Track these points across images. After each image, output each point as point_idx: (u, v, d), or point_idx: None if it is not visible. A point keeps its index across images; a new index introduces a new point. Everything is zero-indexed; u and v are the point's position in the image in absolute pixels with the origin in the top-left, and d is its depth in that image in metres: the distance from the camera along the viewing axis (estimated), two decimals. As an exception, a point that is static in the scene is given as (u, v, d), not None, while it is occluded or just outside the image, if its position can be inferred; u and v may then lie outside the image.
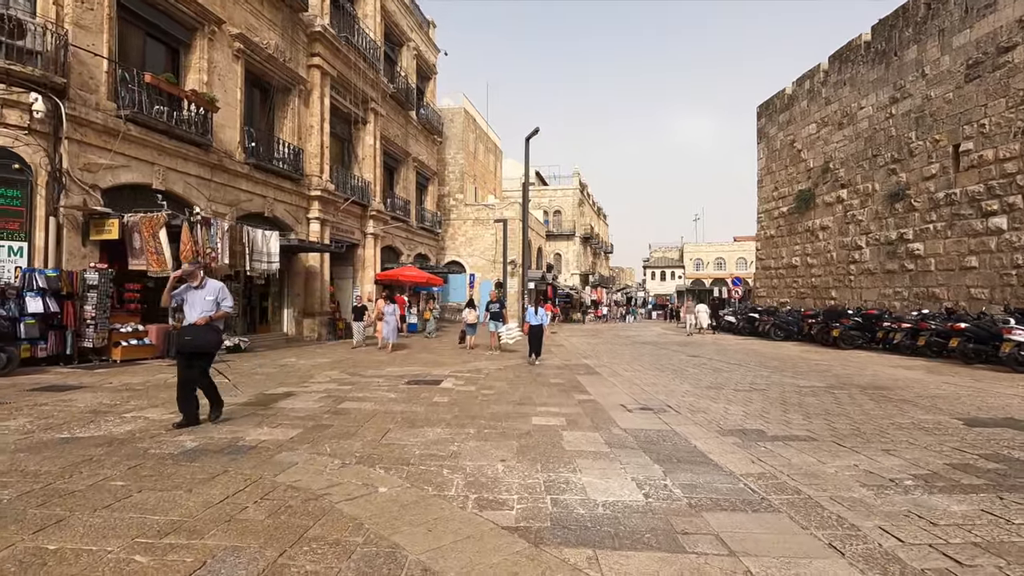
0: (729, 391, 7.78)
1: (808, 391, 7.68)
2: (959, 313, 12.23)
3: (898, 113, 19.83)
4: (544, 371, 10.06)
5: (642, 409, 6.42)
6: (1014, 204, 15.38)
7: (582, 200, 48.55)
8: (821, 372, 9.81)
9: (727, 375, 9.54)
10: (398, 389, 7.54)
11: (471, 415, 5.87)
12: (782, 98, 27.71)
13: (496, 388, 7.84)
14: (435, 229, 28.80)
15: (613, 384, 8.55)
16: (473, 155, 35.55)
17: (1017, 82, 15.52)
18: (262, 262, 11.90)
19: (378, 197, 21.33)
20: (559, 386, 8.18)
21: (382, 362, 11.12)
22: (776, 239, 28.04)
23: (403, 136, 24.43)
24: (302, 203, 16.72)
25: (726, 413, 6.19)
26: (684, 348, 15.74)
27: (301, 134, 16.75)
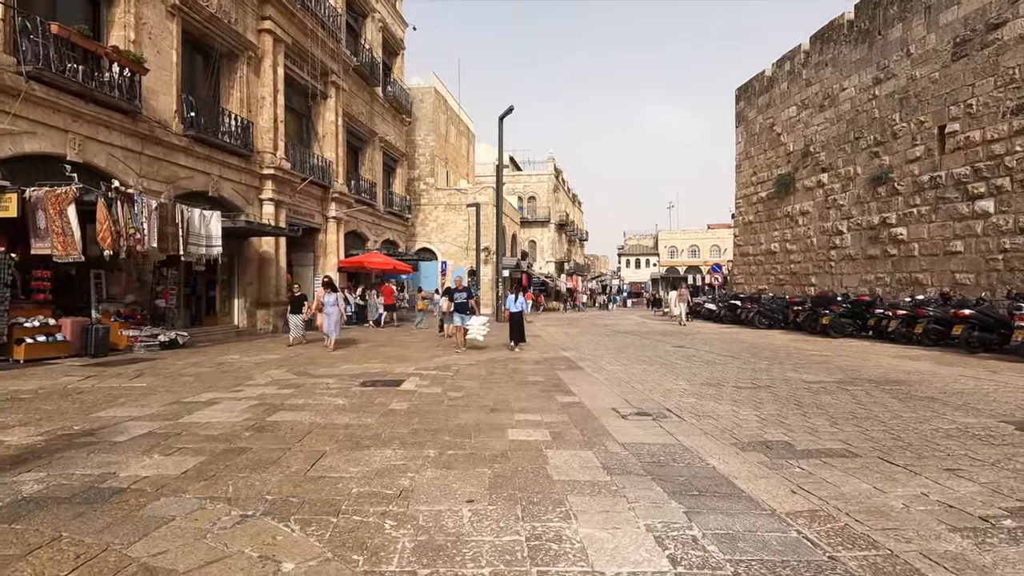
0: (731, 389, 6.86)
1: (819, 388, 6.82)
2: (956, 299, 11.70)
3: (882, 94, 19.29)
4: (521, 366, 9.00)
5: (638, 414, 5.42)
6: (1002, 186, 14.95)
7: (557, 186, 47.52)
8: (822, 364, 9.02)
9: (722, 369, 8.67)
10: (349, 393, 6.35)
11: (433, 428, 4.75)
12: (761, 80, 27.06)
13: (466, 389, 6.74)
14: (404, 214, 27.35)
15: (599, 381, 7.56)
16: (444, 137, 34.05)
17: (1007, 60, 15.01)
18: (200, 246, 10.46)
19: (341, 178, 19.82)
20: (539, 385, 7.14)
21: (337, 359, 9.88)
22: (754, 225, 27.56)
23: (368, 114, 22.85)
24: (253, 182, 15.17)
25: (737, 418, 5.24)
26: (668, 338, 14.91)
27: (251, 106, 15.15)
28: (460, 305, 11.73)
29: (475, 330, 11.61)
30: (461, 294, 11.86)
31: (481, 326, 11.67)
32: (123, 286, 10.95)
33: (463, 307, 11.73)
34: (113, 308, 10.42)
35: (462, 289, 12.01)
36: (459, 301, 11.74)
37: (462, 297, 11.77)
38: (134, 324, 10.51)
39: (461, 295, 11.83)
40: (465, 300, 11.74)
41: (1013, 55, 14.82)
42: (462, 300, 11.76)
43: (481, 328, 11.64)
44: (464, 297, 11.79)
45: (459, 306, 11.75)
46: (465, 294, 11.83)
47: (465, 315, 11.69)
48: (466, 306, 11.75)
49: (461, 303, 11.74)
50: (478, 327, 11.60)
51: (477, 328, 11.62)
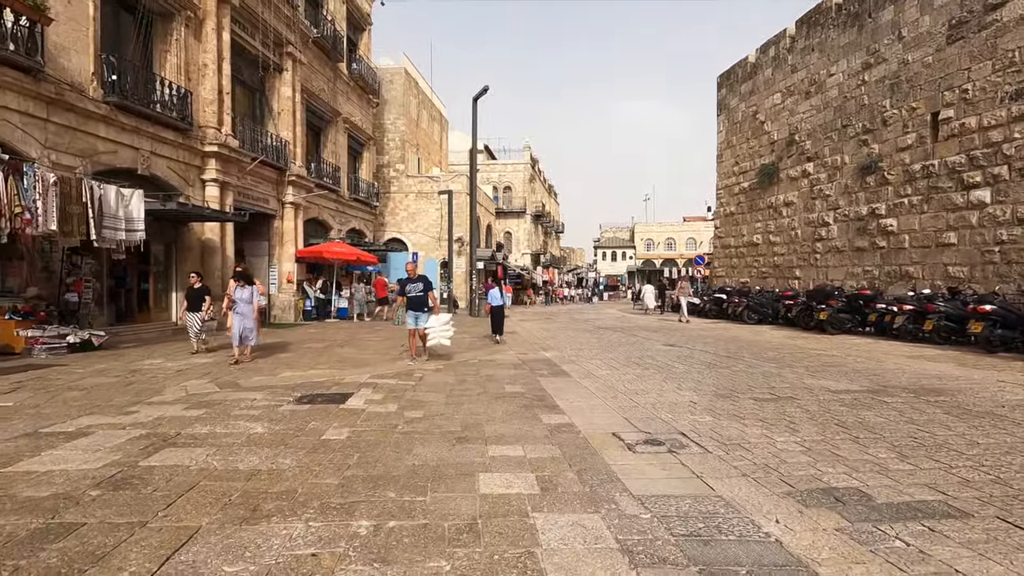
0: (748, 402, 5.72)
1: (852, 400, 5.73)
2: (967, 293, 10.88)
3: (871, 80, 18.51)
4: (497, 372, 7.71)
5: (648, 443, 4.20)
6: (999, 175, 14.26)
7: (533, 176, 46.21)
8: (837, 367, 8.00)
9: (727, 373, 7.55)
10: (275, 415, 4.95)
11: (374, 476, 3.41)
12: (744, 67, 26.20)
13: (428, 406, 5.42)
14: (371, 201, 25.66)
15: (589, 391, 6.33)
16: (416, 122, 32.32)
17: (1006, 42, 14.28)
18: (117, 230, 8.81)
19: (299, 160, 18.09)
20: (518, 398, 5.86)
21: (280, 364, 8.39)
22: (736, 216, 26.79)
23: (331, 92, 21.08)
24: (194, 161, 13.41)
25: (775, 448, 4.07)
26: (655, 335, 13.82)
27: (190, 74, 13.35)
28: (414, 301, 8.74)
29: (437, 333, 8.82)
30: (415, 285, 8.75)
31: (444, 327, 8.89)
32: (23, 277, 9.21)
33: (418, 303, 8.75)
34: (8, 304, 8.70)
35: (416, 279, 8.80)
36: (412, 295, 8.74)
37: (416, 290, 8.72)
38: (36, 323, 8.81)
39: (415, 287, 8.75)
40: (421, 294, 8.73)
41: (1013, 37, 14.09)
42: (416, 294, 8.74)
43: (444, 330, 8.87)
44: (419, 290, 8.75)
45: (412, 302, 8.76)
46: (420, 286, 8.76)
47: (421, 314, 8.76)
48: (422, 302, 8.76)
49: (415, 298, 8.74)
50: (440, 329, 8.84)
51: (439, 331, 8.84)
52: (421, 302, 8.80)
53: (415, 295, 8.77)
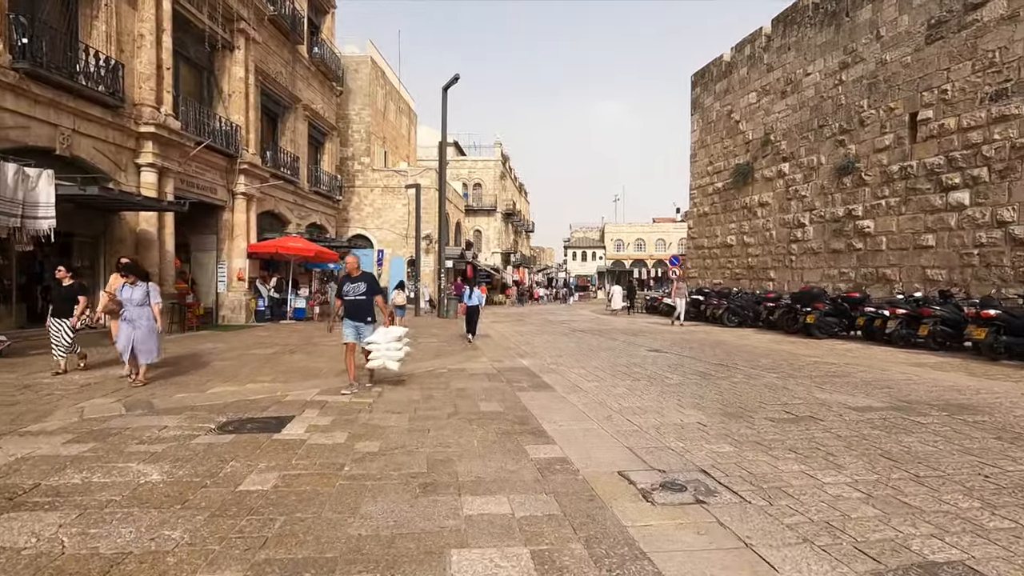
0: (766, 424, 4.89)
1: (881, 421, 4.97)
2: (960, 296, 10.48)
3: (848, 79, 18.28)
4: (469, 384, 6.71)
5: (668, 488, 3.29)
6: (979, 177, 14.09)
7: (504, 173, 45.25)
8: (842, 378, 7.32)
9: (727, 385, 6.76)
10: (184, 452, 3.82)
11: (300, 561, 2.36)
12: (719, 65, 25.88)
13: (386, 434, 4.37)
14: (334, 195, 24.19)
15: (578, 410, 5.41)
16: (383, 114, 30.92)
17: (986, 43, 14.11)
18: (13, 215, 7.39)
19: (252, 147, 16.61)
20: (497, 421, 4.88)
21: (213, 376, 7.16)
22: (710, 216, 26.48)
23: (289, 76, 19.59)
24: (127, 142, 11.89)
25: (826, 494, 3.19)
26: (635, 339, 13.05)
27: (123, 44, 11.83)
28: (354, 307, 6.47)
29: (383, 352, 6.45)
30: (355, 286, 6.46)
31: (393, 345, 6.55)
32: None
33: (358, 310, 6.47)
34: None
35: (358, 278, 6.53)
36: (351, 299, 6.47)
37: (356, 292, 6.45)
38: (-87, 326, 7.30)
39: (355, 288, 6.46)
40: (363, 298, 6.45)
41: (993, 37, 13.92)
42: (357, 298, 6.45)
43: (394, 348, 6.54)
44: (360, 292, 6.44)
45: (352, 308, 6.48)
46: (362, 287, 6.46)
47: (363, 325, 6.50)
48: (364, 309, 6.49)
49: (356, 303, 6.46)
50: (387, 347, 6.48)
51: (387, 349, 6.47)
52: (363, 309, 6.45)
53: (355, 299, 6.41)
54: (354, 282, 6.50)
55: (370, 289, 6.51)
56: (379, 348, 6.49)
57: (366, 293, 6.49)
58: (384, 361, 6.47)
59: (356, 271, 6.60)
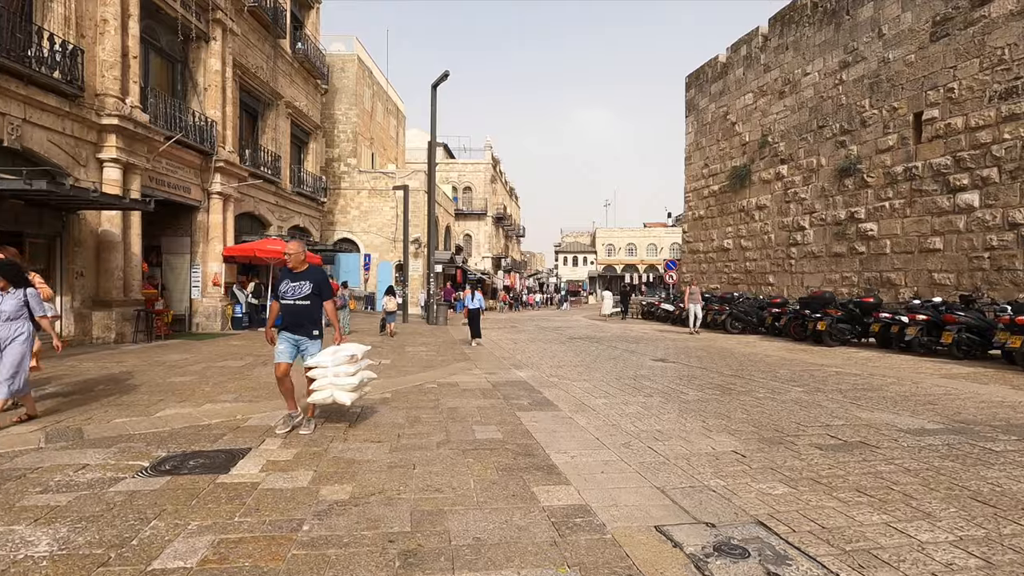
0: (813, 452, 4.14)
1: (946, 449, 4.22)
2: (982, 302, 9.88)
3: (849, 79, 17.82)
4: (462, 402, 5.89)
5: (724, 552, 2.52)
6: (988, 178, 13.59)
7: (494, 176, 44.54)
8: (875, 392, 6.61)
9: (751, 402, 6.02)
10: (96, 505, 2.95)
11: None
12: (714, 66, 25.44)
13: (361, 472, 3.53)
14: (318, 197, 23.25)
15: (590, 436, 4.62)
16: (370, 115, 30.08)
17: (994, 40, 13.66)
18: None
19: (230, 144, 15.69)
20: (496, 452, 4.08)
21: (171, 393, 6.26)
22: (706, 220, 25.94)
23: (270, 71, 18.70)
24: (87, 135, 10.95)
25: (940, 565, 2.45)
26: (636, 346, 12.30)
27: (84, 29, 10.91)
28: (293, 313, 4.78)
29: (330, 380, 4.73)
30: (296, 285, 4.75)
31: (345, 368, 4.78)
32: None
33: (298, 317, 4.77)
34: None
35: (302, 274, 4.81)
36: (290, 302, 4.75)
37: (297, 293, 4.74)
38: None
39: (296, 289, 4.75)
40: (304, 303, 4.75)
41: (1002, 34, 13.47)
42: (297, 302, 4.74)
43: (345, 374, 4.77)
44: (302, 294, 4.73)
45: (291, 315, 4.78)
46: (306, 286, 4.75)
47: (305, 339, 4.81)
48: (308, 316, 4.80)
49: (295, 308, 4.76)
50: (337, 371, 4.74)
51: (335, 375, 4.74)
52: (306, 317, 4.71)
53: (295, 303, 4.67)
54: (296, 279, 4.70)
55: (317, 290, 4.72)
56: (325, 374, 4.64)
57: (311, 295, 4.67)
58: (332, 393, 4.62)
59: (300, 264, 4.74)
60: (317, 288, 4.79)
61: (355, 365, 4.86)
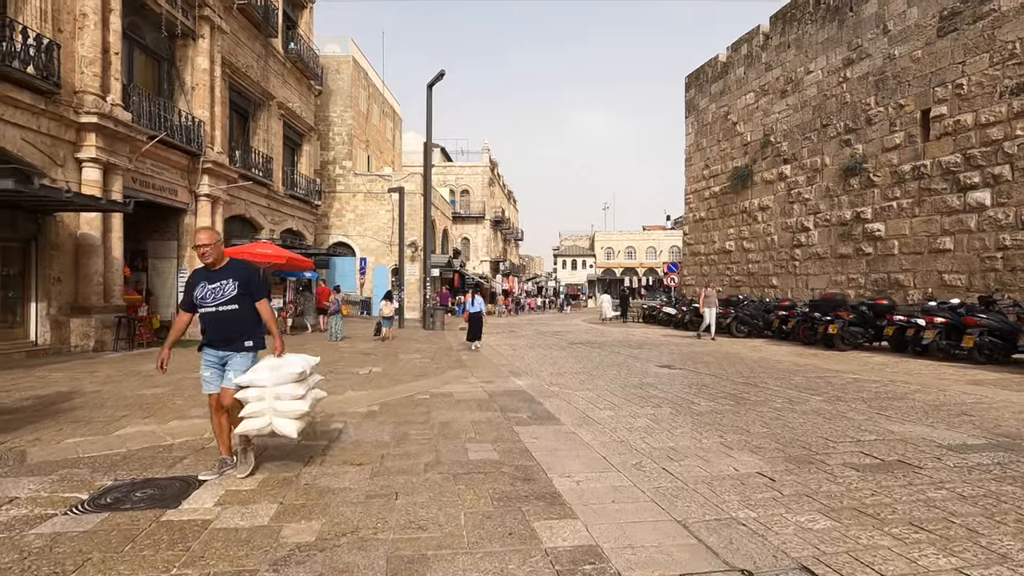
0: (850, 474, 3.66)
1: (1000, 471, 3.71)
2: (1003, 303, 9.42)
3: (853, 76, 17.44)
4: (455, 415, 5.41)
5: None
6: (1000, 175, 13.17)
7: (492, 180, 44.13)
8: (901, 400, 6.13)
9: (770, 414, 5.54)
10: (13, 549, 2.45)
11: None
12: (714, 66, 25.08)
13: (333, 507, 3.03)
14: (312, 200, 22.78)
15: (596, 454, 4.14)
16: (365, 117, 29.66)
17: (1004, 34, 13.28)
18: None
19: (218, 145, 15.23)
20: (492, 477, 3.59)
21: (138, 407, 5.76)
22: (707, 222, 25.53)
23: (261, 71, 18.26)
24: (64, 134, 10.48)
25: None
26: (640, 352, 11.82)
27: (61, 23, 10.46)
28: (215, 323, 3.65)
29: (269, 404, 3.59)
30: (217, 287, 3.63)
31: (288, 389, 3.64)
32: None
33: (224, 328, 3.65)
34: None
35: (221, 270, 3.70)
36: (210, 309, 3.63)
37: (220, 295, 3.62)
38: None
39: (216, 290, 3.62)
40: (233, 307, 3.65)
41: (1012, 28, 13.09)
42: (220, 307, 3.62)
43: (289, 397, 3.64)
44: (227, 295, 3.63)
45: (214, 326, 3.66)
46: (228, 287, 3.64)
47: (234, 356, 3.67)
48: (235, 325, 3.66)
49: (217, 316, 3.63)
50: (278, 393, 3.61)
51: (276, 398, 3.61)
52: (235, 325, 3.66)
53: (216, 309, 3.63)
54: (215, 278, 3.61)
55: (244, 288, 3.64)
56: (262, 395, 3.56)
57: (238, 297, 3.61)
58: (272, 420, 3.56)
59: (219, 259, 3.68)
60: (244, 286, 3.65)
61: (303, 384, 3.73)
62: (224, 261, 3.75)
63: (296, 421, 3.67)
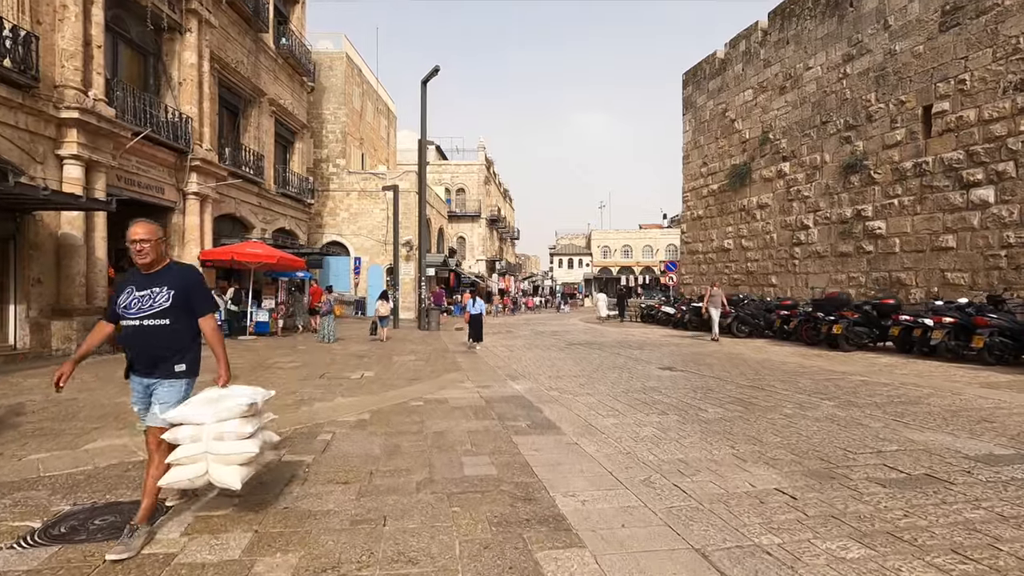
0: (875, 490, 3.38)
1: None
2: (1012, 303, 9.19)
3: (853, 72, 17.22)
4: (450, 424, 5.10)
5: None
6: (1004, 172, 12.97)
7: (488, 178, 43.80)
8: (916, 405, 5.88)
9: (783, 421, 5.26)
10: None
11: None
12: (712, 63, 24.83)
13: (313, 537, 2.68)
14: (305, 198, 22.40)
15: (601, 468, 3.85)
16: (359, 114, 29.28)
17: (1008, 28, 13.06)
18: None
19: (207, 142, 14.85)
20: (489, 495, 3.30)
21: (113, 417, 5.43)
22: (705, 220, 25.30)
23: (252, 67, 17.88)
24: (44, 130, 10.10)
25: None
26: (639, 353, 11.55)
27: (40, 15, 10.08)
28: (141, 339, 2.85)
29: (205, 443, 2.83)
30: (146, 295, 2.86)
31: (231, 428, 2.89)
32: None
33: (155, 347, 2.87)
34: None
35: (156, 275, 2.91)
36: (134, 323, 2.84)
37: (148, 305, 2.84)
38: None
39: (145, 299, 2.85)
40: (164, 322, 2.85)
41: (1016, 22, 12.88)
42: (146, 320, 2.83)
43: (237, 436, 2.90)
44: (157, 305, 2.85)
45: (138, 344, 2.87)
46: (163, 295, 2.87)
47: (160, 383, 2.91)
48: (164, 343, 2.88)
49: (142, 331, 2.83)
50: (221, 430, 2.86)
51: (218, 436, 2.85)
52: (163, 344, 2.89)
53: (141, 324, 2.83)
54: (145, 285, 2.88)
55: (183, 299, 2.90)
56: (198, 436, 2.83)
57: (171, 309, 2.85)
58: (209, 469, 2.84)
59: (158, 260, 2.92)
60: (183, 297, 2.88)
61: (252, 421, 2.99)
62: (164, 263, 2.97)
63: (241, 467, 2.88)
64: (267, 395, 3.24)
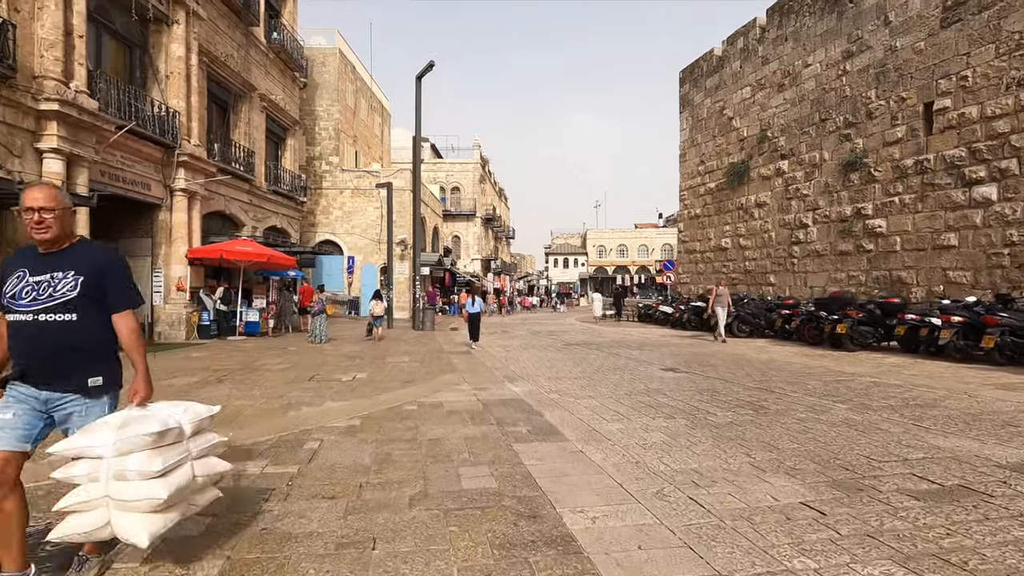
0: (909, 504, 3.11)
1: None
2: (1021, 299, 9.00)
3: (853, 69, 17.03)
4: (447, 431, 4.80)
5: None
6: (1007, 169, 12.79)
7: (483, 177, 43.47)
8: (933, 408, 5.59)
9: (796, 427, 4.99)
10: None
11: None
12: (709, 60, 24.63)
13: (293, 563, 2.40)
14: (297, 196, 22.00)
15: (610, 480, 3.56)
16: (353, 111, 28.88)
17: (1011, 23, 12.89)
18: None
19: (195, 137, 14.45)
20: (489, 512, 2.99)
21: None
22: (702, 219, 25.10)
23: (242, 61, 17.48)
24: (23, 123, 9.70)
25: None
26: (638, 353, 11.27)
27: (17, 1, 9.67)
28: (32, 339, 2.17)
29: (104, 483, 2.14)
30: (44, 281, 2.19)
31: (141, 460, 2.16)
32: None
33: (54, 348, 2.18)
34: None
35: (56, 256, 2.24)
36: (23, 317, 2.17)
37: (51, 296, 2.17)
38: None
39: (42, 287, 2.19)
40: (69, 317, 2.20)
41: (1019, 17, 12.70)
42: (42, 315, 2.17)
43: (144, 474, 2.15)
44: (60, 296, 2.18)
45: (28, 346, 2.19)
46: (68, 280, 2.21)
47: (58, 396, 2.24)
48: (72, 346, 2.21)
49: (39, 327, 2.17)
50: (124, 466, 2.13)
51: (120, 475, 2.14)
52: (65, 346, 2.21)
53: (34, 318, 2.16)
54: (44, 268, 2.23)
55: (94, 290, 2.25)
56: (95, 476, 2.18)
57: (77, 301, 2.21)
58: (110, 517, 2.18)
59: (63, 237, 2.27)
60: (94, 284, 2.24)
61: (163, 454, 2.24)
62: (72, 241, 2.31)
63: (150, 516, 2.15)
64: (207, 412, 2.52)
